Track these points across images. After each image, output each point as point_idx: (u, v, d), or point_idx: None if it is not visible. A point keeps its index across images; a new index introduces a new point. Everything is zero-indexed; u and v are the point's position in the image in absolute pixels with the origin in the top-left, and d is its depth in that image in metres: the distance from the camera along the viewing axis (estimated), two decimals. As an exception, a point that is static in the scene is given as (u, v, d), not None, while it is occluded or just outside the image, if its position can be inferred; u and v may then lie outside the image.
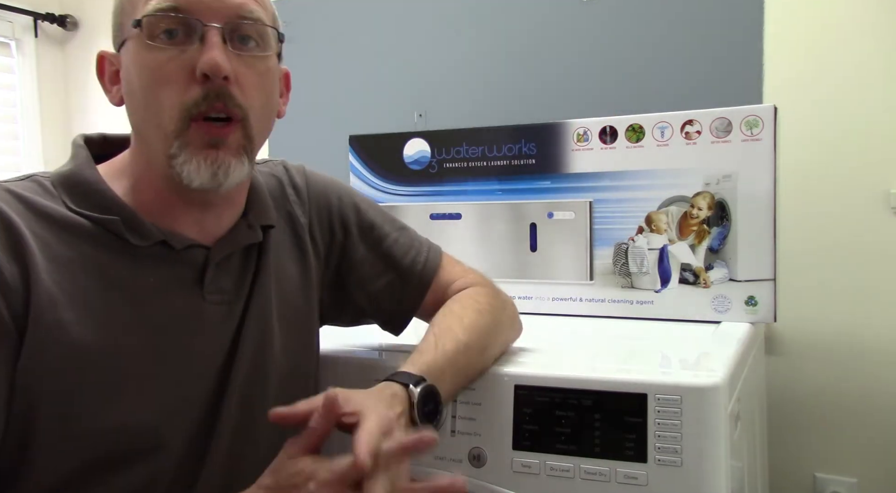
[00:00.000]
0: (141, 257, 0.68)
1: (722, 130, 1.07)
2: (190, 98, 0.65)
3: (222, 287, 0.72)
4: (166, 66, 0.65)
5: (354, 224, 0.85)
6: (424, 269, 0.86)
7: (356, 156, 1.31)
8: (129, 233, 0.67)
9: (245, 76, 0.67)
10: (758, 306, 1.07)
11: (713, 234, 1.09)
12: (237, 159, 0.67)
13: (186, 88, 0.65)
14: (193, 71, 0.64)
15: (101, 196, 0.68)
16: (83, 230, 0.66)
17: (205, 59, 0.64)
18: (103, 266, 0.66)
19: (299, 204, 0.83)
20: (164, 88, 0.65)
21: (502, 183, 1.21)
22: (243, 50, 0.67)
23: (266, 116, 0.72)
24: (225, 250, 0.72)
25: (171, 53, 0.65)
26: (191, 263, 0.70)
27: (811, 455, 1.40)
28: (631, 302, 1.14)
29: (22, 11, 2.05)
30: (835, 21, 1.34)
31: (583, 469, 0.75)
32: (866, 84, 1.33)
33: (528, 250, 1.20)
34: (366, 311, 0.87)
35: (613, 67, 1.50)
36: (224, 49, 0.65)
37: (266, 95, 0.71)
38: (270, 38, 0.70)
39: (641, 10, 1.48)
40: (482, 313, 0.81)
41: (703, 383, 0.72)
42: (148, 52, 0.65)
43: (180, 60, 0.65)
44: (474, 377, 0.79)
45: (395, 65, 1.71)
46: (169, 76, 0.65)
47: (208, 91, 0.65)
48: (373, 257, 0.85)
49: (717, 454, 0.71)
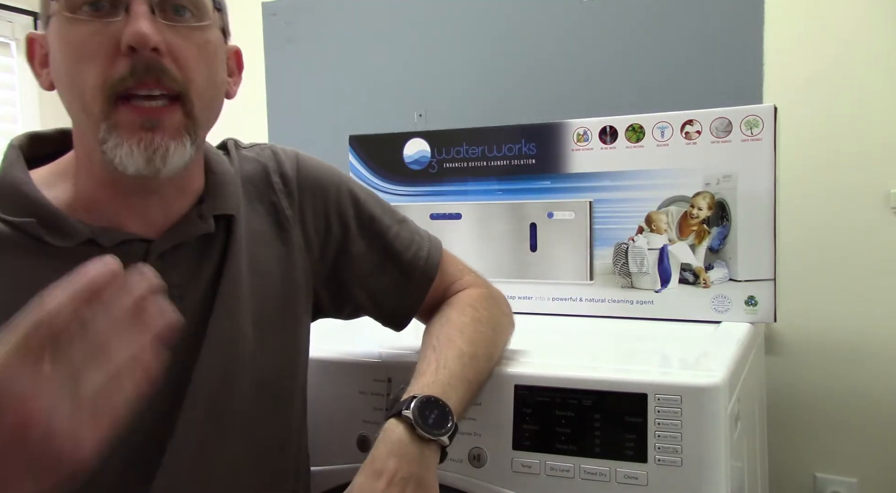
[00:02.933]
0: (66, 260, 0.57)
1: (722, 130, 1.07)
2: (115, 73, 0.59)
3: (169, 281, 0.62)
4: (89, 40, 0.59)
5: (353, 218, 0.81)
6: (427, 265, 0.83)
7: (356, 156, 1.31)
8: (48, 234, 0.61)
9: (180, 48, 0.61)
10: (758, 306, 1.07)
11: (713, 234, 1.09)
12: (177, 141, 0.61)
13: (111, 64, 0.59)
14: (119, 44, 0.58)
15: (24, 198, 0.62)
16: (3, 237, 0.61)
17: (129, 29, 0.58)
18: (20, 273, 0.60)
19: (286, 193, 0.77)
20: (87, 64, 0.59)
21: (502, 183, 1.21)
22: (177, 20, 0.61)
23: (211, 93, 0.65)
24: (167, 242, 0.66)
25: (95, 26, 0.59)
26: (128, 259, 0.60)
27: (811, 455, 1.40)
28: (631, 302, 1.14)
29: (22, 11, 2.04)
30: (835, 21, 1.34)
31: (583, 469, 0.75)
32: (866, 84, 1.33)
33: (528, 250, 1.20)
34: (366, 307, 0.84)
35: (613, 67, 1.50)
36: (153, 19, 0.59)
37: (207, 68, 0.64)
38: (207, 8, 0.64)
39: (641, 10, 1.48)
40: (482, 321, 0.79)
41: (703, 383, 0.72)
42: (70, 26, 0.59)
43: (104, 34, 0.59)
44: (482, 386, 0.78)
45: (395, 65, 1.71)
46: (92, 51, 0.59)
47: (135, 65, 0.59)
48: (373, 252, 0.82)
49: (717, 454, 0.71)
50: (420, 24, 1.69)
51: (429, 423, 0.65)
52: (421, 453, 0.65)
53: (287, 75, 1.83)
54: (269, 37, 1.84)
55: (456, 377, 0.71)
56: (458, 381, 0.71)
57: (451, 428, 0.67)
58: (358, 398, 0.85)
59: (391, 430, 0.65)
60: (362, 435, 0.84)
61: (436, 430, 0.66)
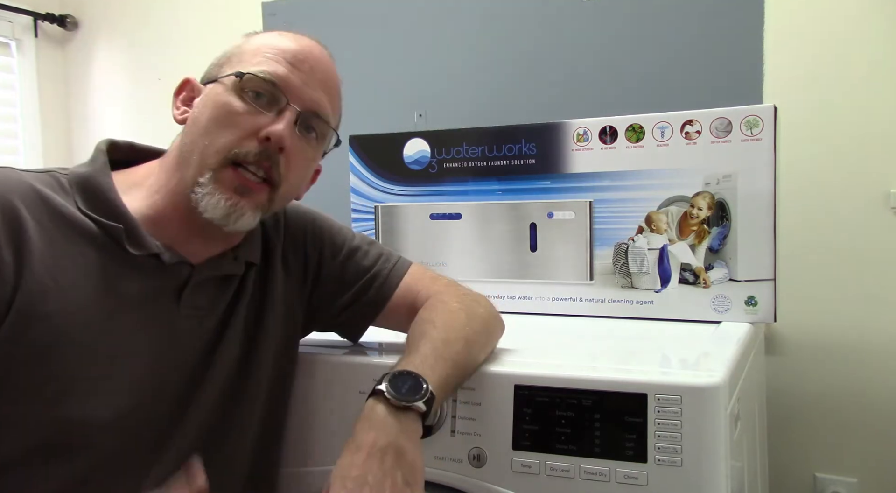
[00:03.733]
0: (133, 265, 0.72)
1: (722, 130, 1.07)
2: (243, 148, 0.73)
3: (197, 304, 0.77)
4: (240, 116, 0.74)
5: (328, 245, 0.90)
6: (389, 277, 0.89)
7: (356, 156, 1.31)
8: (128, 241, 0.72)
9: (295, 155, 0.76)
10: (758, 306, 1.07)
11: (713, 234, 1.09)
12: (253, 212, 0.75)
13: (245, 140, 0.74)
14: (257, 132, 0.74)
15: (111, 204, 0.73)
16: (87, 231, 0.71)
17: (277, 127, 0.74)
18: (98, 268, 0.70)
19: (275, 230, 0.88)
20: (227, 130, 0.74)
21: (502, 183, 1.21)
22: (304, 136, 0.78)
23: (292, 192, 0.82)
24: (208, 272, 0.78)
25: (250, 110, 0.74)
26: (175, 277, 0.76)
27: (811, 455, 1.40)
28: (631, 302, 1.14)
29: (22, 11, 2.05)
30: (835, 21, 1.34)
31: (583, 469, 0.75)
32: (866, 84, 1.33)
33: (528, 250, 1.20)
34: (334, 321, 0.91)
35: (613, 67, 1.50)
36: (293, 128, 0.75)
37: (301, 176, 0.81)
38: (329, 138, 0.83)
39: (641, 10, 1.48)
40: (453, 311, 0.82)
41: (703, 383, 0.72)
42: (231, 98, 0.74)
43: (253, 118, 0.74)
44: (467, 368, 0.79)
45: (395, 65, 1.71)
46: (237, 124, 0.74)
47: (262, 150, 0.74)
48: (342, 271, 0.89)
49: (717, 454, 0.71)
50: (420, 24, 1.69)
51: (402, 392, 0.68)
52: (398, 422, 0.67)
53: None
54: (269, 37, 1.84)
55: (431, 357, 0.73)
56: (434, 359, 0.73)
57: (425, 394, 0.69)
58: (358, 398, 0.85)
59: (368, 407, 0.69)
60: (362, 435, 0.84)
61: (410, 396, 0.68)
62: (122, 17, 2.06)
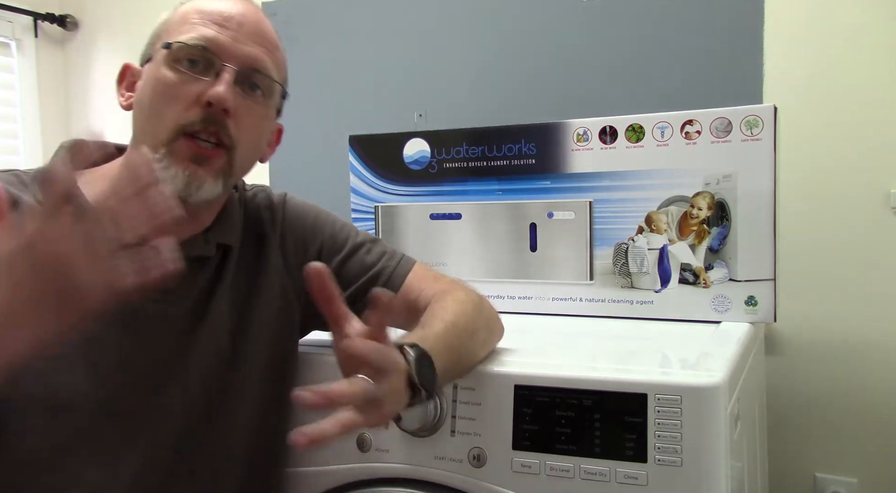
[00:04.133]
0: None
1: (722, 130, 1.07)
2: (188, 117, 0.73)
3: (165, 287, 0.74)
4: (179, 87, 0.74)
5: (328, 237, 0.90)
6: (393, 275, 0.89)
7: (356, 156, 1.31)
8: None
9: (243, 115, 0.76)
10: (758, 306, 1.07)
11: (713, 234, 1.09)
12: (213, 180, 0.75)
13: (188, 109, 0.73)
14: (199, 97, 0.73)
15: None
16: None
17: (214, 90, 0.73)
18: None
19: (271, 223, 0.88)
20: (170, 104, 0.74)
21: (502, 183, 1.21)
22: (248, 95, 0.77)
23: (251, 154, 0.81)
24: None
25: (186, 78, 0.74)
26: None
27: (811, 455, 1.40)
28: (631, 302, 1.14)
29: (22, 11, 2.04)
30: (835, 21, 1.34)
31: (583, 469, 0.75)
32: (866, 84, 1.33)
33: (528, 250, 1.20)
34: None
35: (613, 67, 1.50)
36: (233, 88, 0.75)
37: (256, 136, 0.80)
38: (275, 94, 0.81)
39: (641, 9, 1.48)
40: (462, 302, 0.83)
41: (703, 383, 0.72)
42: (167, 71, 0.74)
43: (192, 86, 0.74)
44: (467, 363, 0.79)
45: (395, 65, 1.71)
46: (177, 96, 0.74)
47: (206, 116, 0.74)
48: (345, 266, 0.89)
49: (717, 454, 0.71)
50: (420, 25, 1.69)
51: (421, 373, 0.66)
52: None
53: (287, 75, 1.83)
54: (269, 37, 1.84)
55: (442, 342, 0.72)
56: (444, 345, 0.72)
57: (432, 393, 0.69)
58: (358, 398, 0.85)
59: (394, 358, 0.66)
60: (362, 435, 0.84)
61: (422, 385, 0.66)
62: (122, 18, 2.06)
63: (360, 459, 0.84)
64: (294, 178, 1.80)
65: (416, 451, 0.82)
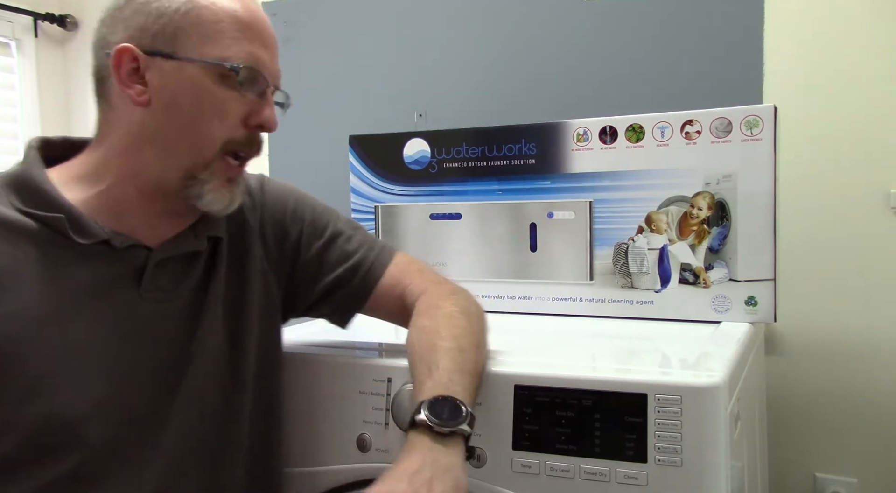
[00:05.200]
0: (82, 255, 0.71)
1: (722, 130, 1.07)
2: (235, 137, 0.74)
3: (159, 286, 0.75)
4: (228, 104, 0.73)
5: (309, 223, 0.89)
6: (374, 264, 0.88)
7: (356, 156, 1.31)
8: (72, 231, 0.70)
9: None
10: (758, 306, 1.07)
11: (713, 234, 1.09)
12: (240, 195, 0.78)
13: (234, 128, 0.74)
14: (246, 116, 0.74)
15: (47, 195, 0.71)
16: (27, 229, 0.69)
17: (269, 115, 0.75)
18: (43, 264, 0.69)
19: (251, 209, 0.86)
20: (217, 121, 0.73)
21: (502, 183, 1.21)
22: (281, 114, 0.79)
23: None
24: (166, 252, 0.76)
25: (235, 96, 0.73)
26: (131, 262, 0.74)
27: (811, 455, 1.40)
28: (631, 302, 1.14)
29: (22, 11, 2.04)
30: (835, 21, 1.34)
31: (583, 469, 0.75)
32: (866, 84, 1.33)
33: (528, 250, 1.20)
34: (317, 305, 0.90)
35: (613, 67, 1.50)
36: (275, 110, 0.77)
37: None
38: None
39: (641, 9, 1.48)
40: (453, 316, 0.81)
41: (703, 383, 0.72)
42: (217, 87, 0.72)
43: (240, 105, 0.73)
44: (482, 374, 0.79)
45: (395, 65, 1.71)
46: (225, 114, 0.73)
47: (254, 139, 0.76)
48: (326, 252, 0.88)
49: (717, 454, 0.71)
50: (420, 25, 1.69)
51: (443, 417, 0.67)
52: (445, 447, 0.66)
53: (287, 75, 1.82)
54: (269, 37, 1.84)
55: (454, 372, 0.72)
56: (458, 375, 0.72)
57: (466, 417, 0.68)
58: (358, 398, 0.85)
59: (413, 437, 0.67)
60: (362, 435, 0.84)
61: (452, 421, 0.67)
62: (122, 17, 2.06)
63: (360, 459, 0.84)
64: (294, 178, 1.79)
65: (416, 451, 0.81)
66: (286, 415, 0.88)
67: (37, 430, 0.66)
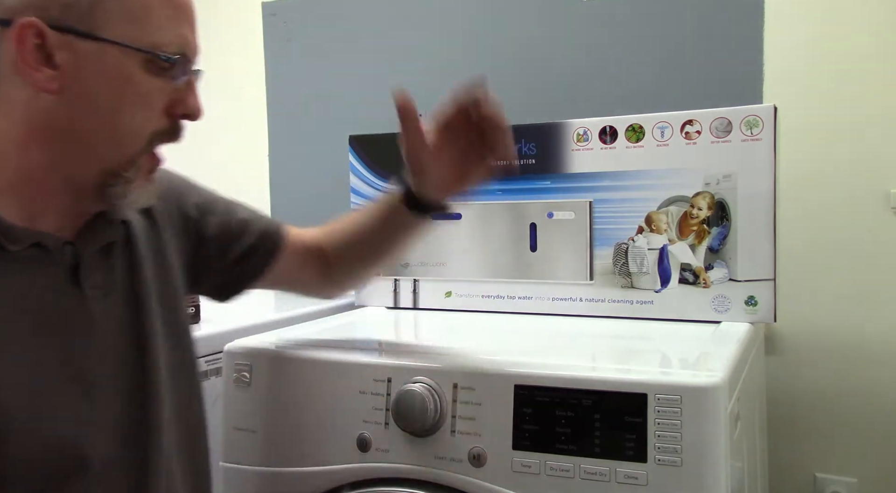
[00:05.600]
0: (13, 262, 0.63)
1: (722, 130, 1.07)
2: (161, 129, 0.67)
3: (95, 282, 0.69)
4: (154, 94, 0.65)
5: (206, 203, 0.86)
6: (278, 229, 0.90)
7: (356, 156, 1.31)
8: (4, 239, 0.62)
9: None
10: (758, 306, 1.07)
11: (713, 234, 1.09)
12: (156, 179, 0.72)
13: (159, 119, 0.66)
14: (169, 105, 0.67)
15: None
16: None
17: (195, 103, 0.68)
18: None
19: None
20: (141, 113, 0.65)
21: (502, 183, 1.21)
22: None
23: None
24: (90, 245, 0.69)
25: (159, 85, 0.65)
26: (63, 261, 0.67)
27: (811, 455, 1.40)
28: (631, 302, 1.14)
29: (22, 11, 2.04)
30: (835, 21, 1.34)
31: (583, 469, 0.75)
32: (866, 84, 1.33)
33: (528, 250, 1.20)
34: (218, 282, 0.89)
35: (613, 67, 1.50)
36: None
37: None
38: None
39: (642, 10, 1.48)
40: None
41: (703, 383, 0.72)
42: (143, 75, 0.64)
43: (164, 93, 0.66)
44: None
45: (395, 65, 1.71)
46: (150, 104, 0.66)
47: (178, 127, 0.68)
48: (225, 226, 0.87)
49: (717, 454, 0.71)
50: (420, 24, 1.68)
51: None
52: None
53: (287, 75, 1.83)
54: (268, 37, 1.84)
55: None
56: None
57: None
58: (358, 398, 0.85)
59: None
60: (362, 435, 0.84)
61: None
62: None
63: (360, 459, 0.84)
64: (294, 178, 1.80)
65: (416, 451, 0.82)
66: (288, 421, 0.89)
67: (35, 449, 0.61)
